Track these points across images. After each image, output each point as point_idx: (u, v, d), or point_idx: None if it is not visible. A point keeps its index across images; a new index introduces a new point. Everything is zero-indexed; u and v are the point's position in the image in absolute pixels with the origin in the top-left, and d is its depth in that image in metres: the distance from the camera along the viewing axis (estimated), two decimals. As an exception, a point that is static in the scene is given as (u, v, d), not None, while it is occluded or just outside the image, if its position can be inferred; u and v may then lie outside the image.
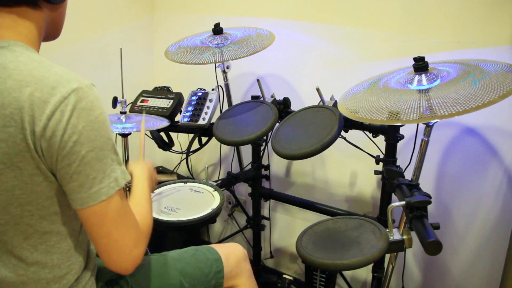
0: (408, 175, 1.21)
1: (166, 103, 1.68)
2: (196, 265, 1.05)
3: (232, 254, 1.13)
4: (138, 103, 1.73)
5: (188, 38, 1.64)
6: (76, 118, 0.67)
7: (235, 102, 1.72)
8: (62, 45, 0.83)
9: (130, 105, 1.72)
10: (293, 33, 1.74)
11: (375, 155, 1.37)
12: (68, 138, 0.67)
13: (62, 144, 0.67)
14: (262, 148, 1.74)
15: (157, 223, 1.04)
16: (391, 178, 1.20)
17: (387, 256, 1.31)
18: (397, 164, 1.35)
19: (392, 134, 1.31)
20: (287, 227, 1.97)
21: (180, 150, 1.86)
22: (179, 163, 2.05)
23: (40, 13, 0.74)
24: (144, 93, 1.77)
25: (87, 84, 0.70)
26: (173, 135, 1.78)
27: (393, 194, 1.19)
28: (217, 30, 1.58)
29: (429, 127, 1.13)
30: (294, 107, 1.50)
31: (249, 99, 1.58)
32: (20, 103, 0.66)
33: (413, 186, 1.05)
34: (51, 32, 0.81)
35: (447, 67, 1.13)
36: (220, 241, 2.06)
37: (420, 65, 1.11)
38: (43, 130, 0.66)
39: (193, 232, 2.15)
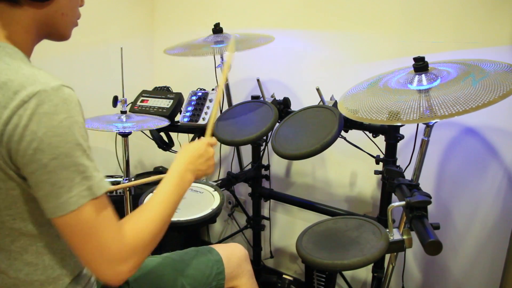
0: (408, 175, 1.21)
1: (166, 103, 1.68)
2: (197, 267, 1.05)
3: (233, 255, 1.13)
4: (138, 103, 1.73)
5: (186, 43, 1.65)
6: (35, 124, 0.62)
7: (235, 102, 1.72)
8: (62, 44, 0.82)
9: (130, 105, 1.72)
10: (293, 34, 1.74)
11: (375, 155, 1.37)
12: (27, 145, 0.62)
13: (21, 151, 0.63)
14: (262, 148, 1.74)
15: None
16: (391, 178, 1.20)
17: (387, 256, 1.31)
18: (397, 164, 1.34)
19: (392, 134, 1.31)
20: (287, 227, 1.97)
21: (180, 150, 1.86)
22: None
23: (21, 11, 0.71)
24: (144, 93, 1.77)
25: (54, 86, 0.64)
26: (173, 135, 1.78)
27: (393, 194, 1.19)
28: (217, 30, 1.58)
29: (429, 127, 1.13)
30: (294, 107, 1.50)
31: (249, 99, 1.58)
32: None
33: (413, 186, 1.05)
34: (50, 31, 0.77)
35: (447, 67, 1.13)
36: (220, 241, 2.06)
37: (420, 65, 1.11)
38: (1, 136, 0.63)
39: (193, 232, 2.15)
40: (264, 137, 1.65)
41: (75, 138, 0.65)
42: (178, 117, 1.67)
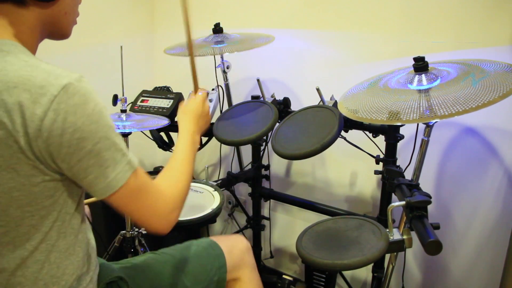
0: (408, 175, 1.21)
1: (166, 103, 1.68)
2: (197, 263, 1.05)
3: (235, 246, 1.13)
4: (138, 103, 1.73)
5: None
6: (73, 116, 0.66)
7: (235, 102, 1.72)
8: (62, 44, 0.83)
9: (130, 105, 1.72)
10: (294, 33, 1.74)
11: (375, 155, 1.37)
12: (71, 136, 0.66)
13: (65, 143, 0.67)
14: (262, 148, 1.74)
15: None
16: (391, 178, 1.20)
17: (387, 256, 1.31)
18: (397, 164, 1.34)
19: (392, 134, 1.31)
20: (287, 227, 1.97)
21: (180, 150, 1.86)
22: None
23: (27, 11, 0.73)
24: (144, 93, 1.77)
25: (76, 77, 0.68)
26: (173, 135, 1.78)
27: (393, 194, 1.19)
28: (217, 29, 1.58)
29: (429, 127, 1.13)
30: (294, 107, 1.50)
31: (249, 99, 1.58)
32: (8, 106, 0.64)
33: (413, 186, 1.05)
34: (53, 30, 0.79)
35: (447, 67, 1.13)
36: (220, 241, 2.06)
37: (420, 65, 1.11)
38: (38, 131, 0.65)
39: (193, 232, 2.15)
40: (264, 137, 1.65)
41: (108, 121, 0.71)
42: (178, 117, 1.67)
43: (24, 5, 0.72)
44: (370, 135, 1.36)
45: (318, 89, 1.34)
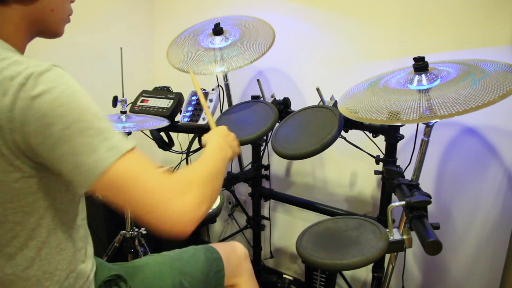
0: (408, 175, 1.21)
1: (166, 103, 1.68)
2: (195, 265, 1.05)
3: (232, 253, 1.13)
4: (138, 103, 1.73)
5: (188, 33, 1.64)
6: (38, 101, 0.62)
7: (235, 102, 1.73)
8: (62, 44, 0.82)
9: (130, 105, 1.72)
10: (294, 34, 1.74)
11: (375, 155, 1.37)
12: (38, 123, 0.62)
13: (35, 132, 0.63)
14: (262, 148, 1.74)
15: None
16: (391, 178, 1.20)
17: (387, 256, 1.31)
18: (397, 164, 1.34)
19: (392, 134, 1.31)
20: (287, 227, 1.97)
21: (180, 150, 1.86)
22: (179, 163, 2.05)
23: (9, 9, 0.72)
24: (144, 93, 1.77)
25: (46, 66, 0.65)
26: (173, 135, 1.78)
27: (393, 194, 1.19)
28: (217, 30, 1.58)
29: (429, 127, 1.13)
30: (294, 107, 1.50)
31: (249, 99, 1.58)
32: None
33: (413, 186, 1.05)
34: (41, 28, 0.78)
35: (447, 67, 1.13)
36: (220, 241, 2.06)
37: (420, 65, 1.11)
38: (10, 123, 0.63)
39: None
40: (264, 137, 1.65)
41: (81, 104, 0.64)
42: (178, 117, 1.67)
43: (5, 3, 0.71)
44: (370, 135, 1.36)
45: (318, 89, 1.34)
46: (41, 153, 0.65)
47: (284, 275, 1.77)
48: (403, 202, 0.95)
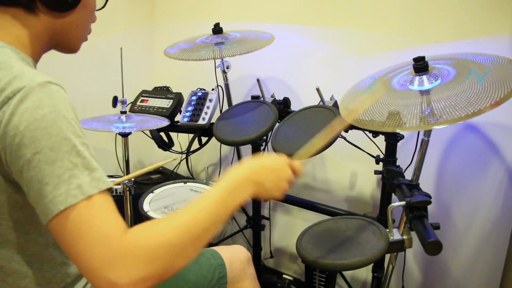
0: (408, 175, 1.21)
1: (166, 103, 1.68)
2: (198, 272, 1.03)
3: (236, 257, 1.11)
4: (138, 103, 1.73)
5: (187, 40, 1.64)
6: (18, 118, 0.58)
7: (235, 102, 1.72)
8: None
9: (130, 105, 1.72)
10: (294, 34, 1.74)
11: (375, 155, 1.37)
12: (11, 140, 0.59)
13: (8, 148, 0.59)
14: (262, 148, 1.74)
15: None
16: (391, 178, 1.20)
17: (387, 256, 1.31)
18: (397, 164, 1.34)
19: (392, 134, 1.31)
20: (287, 227, 1.97)
21: (180, 150, 1.86)
22: (179, 163, 2.05)
23: (36, 18, 0.71)
24: (144, 93, 1.77)
25: (40, 82, 0.61)
26: (173, 135, 1.78)
27: (393, 194, 1.19)
28: (217, 30, 1.58)
29: (429, 127, 1.12)
30: (294, 107, 1.50)
31: (249, 99, 1.58)
32: None
33: (413, 186, 1.05)
34: (61, 42, 0.77)
35: (444, 65, 1.12)
36: (220, 241, 2.06)
37: (420, 65, 1.11)
38: None
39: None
40: (264, 137, 1.64)
41: (61, 132, 0.59)
42: (178, 117, 1.67)
43: (34, 12, 0.71)
44: (370, 135, 1.36)
45: (318, 89, 1.34)
46: (13, 171, 0.62)
47: (284, 275, 1.77)
48: (403, 202, 0.95)
